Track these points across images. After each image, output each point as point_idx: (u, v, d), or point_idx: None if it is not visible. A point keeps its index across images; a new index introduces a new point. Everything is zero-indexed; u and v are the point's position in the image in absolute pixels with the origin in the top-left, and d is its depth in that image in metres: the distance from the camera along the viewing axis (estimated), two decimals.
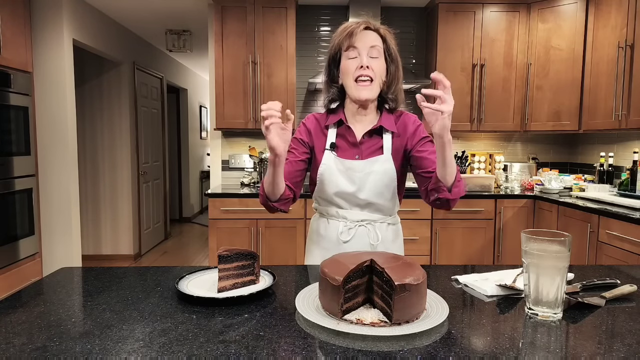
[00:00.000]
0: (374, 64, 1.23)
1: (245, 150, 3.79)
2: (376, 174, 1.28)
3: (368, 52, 1.23)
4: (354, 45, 1.23)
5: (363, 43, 1.22)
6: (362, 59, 1.22)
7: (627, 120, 2.76)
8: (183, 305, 0.95)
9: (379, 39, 1.25)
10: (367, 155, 1.30)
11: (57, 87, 3.33)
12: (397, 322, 0.83)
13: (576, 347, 0.77)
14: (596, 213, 2.57)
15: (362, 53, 1.22)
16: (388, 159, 1.29)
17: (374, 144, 1.31)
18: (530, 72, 3.43)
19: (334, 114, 1.35)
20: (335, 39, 1.27)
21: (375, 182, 1.28)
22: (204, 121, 7.64)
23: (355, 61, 1.23)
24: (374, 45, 1.23)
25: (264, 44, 3.35)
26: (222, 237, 3.18)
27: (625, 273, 1.23)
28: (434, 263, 3.24)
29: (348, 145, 1.32)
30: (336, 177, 1.30)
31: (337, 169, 1.30)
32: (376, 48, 1.23)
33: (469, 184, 3.38)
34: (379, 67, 1.24)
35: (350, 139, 1.32)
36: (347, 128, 1.32)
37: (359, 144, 1.31)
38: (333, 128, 1.34)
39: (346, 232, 1.34)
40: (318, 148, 1.35)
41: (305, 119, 1.40)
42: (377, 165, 1.28)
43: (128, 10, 3.87)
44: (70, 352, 0.74)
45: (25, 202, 3.09)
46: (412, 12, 3.76)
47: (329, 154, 1.32)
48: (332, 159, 1.31)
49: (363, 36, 1.23)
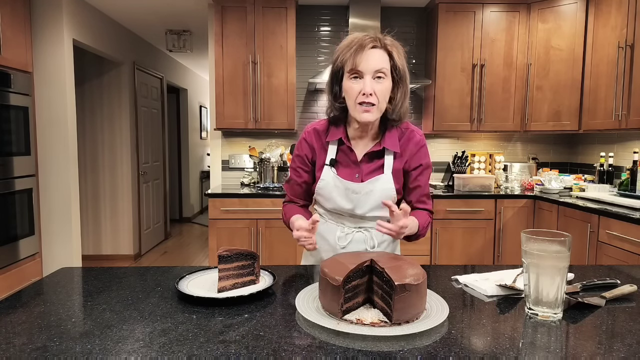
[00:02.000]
0: (378, 88, 1.16)
1: (245, 150, 3.79)
2: (375, 192, 1.26)
3: (373, 76, 1.15)
4: (358, 69, 1.15)
5: (368, 66, 1.14)
6: (366, 86, 1.14)
7: (627, 120, 2.76)
8: (183, 305, 0.95)
9: (386, 59, 1.17)
10: (367, 174, 1.27)
11: (57, 87, 3.33)
12: (397, 322, 0.83)
13: (576, 347, 0.77)
14: (596, 213, 2.57)
15: (366, 78, 1.15)
16: (388, 180, 1.26)
17: (374, 163, 1.28)
18: (530, 72, 3.43)
19: (335, 128, 1.30)
20: (339, 54, 1.19)
21: (375, 200, 1.27)
22: (204, 121, 7.64)
23: (359, 84, 1.16)
24: (380, 69, 1.15)
25: (264, 44, 3.35)
26: (222, 237, 3.18)
27: (625, 273, 1.23)
28: (434, 263, 3.24)
29: (348, 162, 1.29)
30: (334, 195, 1.29)
31: (335, 187, 1.28)
32: (382, 71, 1.15)
33: (469, 184, 3.38)
34: (383, 90, 1.17)
35: (351, 158, 1.28)
36: (350, 148, 1.28)
37: (359, 163, 1.28)
38: (333, 144, 1.30)
39: (344, 237, 1.33)
40: (319, 164, 1.33)
41: (305, 132, 1.35)
42: (378, 185, 1.26)
43: (128, 10, 3.87)
44: (70, 352, 0.74)
45: (25, 202, 3.09)
46: (412, 12, 3.76)
47: (328, 170, 1.29)
48: (331, 176, 1.28)
49: (368, 58, 1.14)
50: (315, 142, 1.33)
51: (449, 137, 3.86)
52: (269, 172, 3.51)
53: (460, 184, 3.39)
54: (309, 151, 1.34)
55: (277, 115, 3.40)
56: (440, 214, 3.21)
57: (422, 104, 3.83)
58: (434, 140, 3.86)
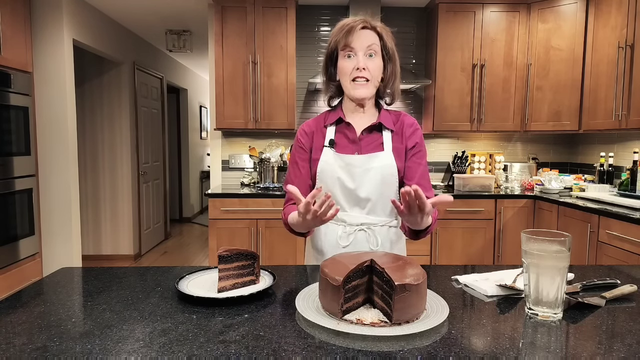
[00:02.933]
0: (371, 64, 1.23)
1: (245, 150, 3.79)
2: (376, 169, 1.27)
3: (365, 52, 1.22)
4: (351, 46, 1.22)
5: (360, 43, 1.22)
6: (359, 60, 1.22)
7: (627, 120, 2.76)
8: (183, 305, 0.95)
9: (376, 37, 1.24)
10: (367, 151, 1.29)
11: (57, 87, 3.33)
12: (397, 322, 0.83)
13: (576, 347, 0.77)
14: (596, 213, 2.57)
15: (359, 53, 1.22)
16: (388, 155, 1.28)
17: (373, 140, 1.31)
18: (530, 73, 3.43)
19: (332, 112, 1.36)
20: (332, 37, 1.27)
21: (376, 178, 1.27)
22: (204, 121, 7.64)
23: (352, 61, 1.23)
24: (371, 45, 1.22)
25: (264, 44, 3.35)
26: (222, 237, 3.18)
27: (625, 273, 1.23)
28: (434, 263, 3.24)
29: (347, 141, 1.31)
30: (336, 173, 1.29)
31: (337, 165, 1.29)
32: (373, 47, 1.23)
33: (469, 184, 3.38)
34: (376, 67, 1.24)
35: (350, 136, 1.31)
36: (347, 125, 1.32)
37: (358, 140, 1.30)
38: (332, 126, 1.34)
39: (345, 237, 1.32)
40: (317, 146, 1.34)
41: (302, 124, 1.40)
42: (377, 161, 1.27)
43: (128, 10, 3.88)
44: (70, 352, 0.74)
45: (25, 202, 3.09)
46: (412, 12, 3.76)
47: (327, 150, 1.31)
48: (331, 155, 1.30)
49: (360, 36, 1.22)
50: (312, 129, 1.37)
51: (449, 137, 3.86)
52: (269, 172, 3.51)
53: (460, 184, 3.39)
54: (306, 139, 1.36)
55: (277, 115, 3.40)
56: (440, 214, 3.21)
57: (422, 104, 3.83)
58: (434, 140, 3.86)
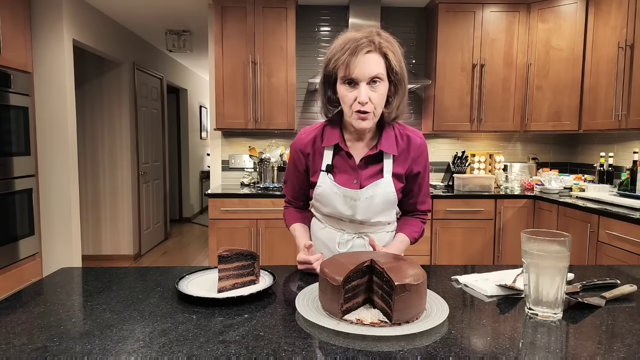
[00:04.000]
0: (374, 95, 1.10)
1: (245, 151, 3.79)
2: (376, 198, 1.22)
3: (368, 82, 1.09)
4: (352, 77, 1.09)
5: (362, 73, 1.08)
6: (361, 95, 1.09)
7: (627, 120, 2.75)
8: (183, 305, 0.95)
9: (380, 62, 1.10)
10: (366, 179, 1.23)
11: (57, 87, 3.33)
12: (397, 323, 0.83)
13: (576, 347, 0.77)
14: (596, 213, 2.57)
15: (362, 85, 1.09)
16: (389, 183, 1.22)
17: (373, 168, 1.23)
18: (530, 72, 3.43)
19: (331, 131, 1.25)
20: (333, 58, 1.12)
21: (375, 206, 1.24)
22: (204, 121, 7.64)
23: (354, 92, 1.10)
24: (375, 75, 1.09)
25: (264, 44, 3.35)
26: (222, 237, 3.18)
27: (625, 273, 1.23)
28: (434, 263, 3.24)
29: (346, 167, 1.24)
30: (333, 202, 1.25)
31: (333, 193, 1.24)
32: (378, 76, 1.09)
33: (469, 184, 3.38)
34: (379, 96, 1.12)
35: (350, 163, 1.24)
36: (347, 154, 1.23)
37: (357, 168, 1.23)
38: (330, 149, 1.25)
39: (344, 243, 1.31)
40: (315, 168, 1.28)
41: (298, 140, 1.30)
42: (378, 190, 1.22)
43: (128, 10, 3.87)
44: (70, 353, 0.74)
45: (25, 203, 3.09)
46: (412, 12, 3.76)
47: (324, 176, 1.24)
48: (328, 183, 1.24)
49: (363, 65, 1.07)
50: (309, 150, 1.28)
51: (449, 137, 3.86)
52: (269, 172, 3.51)
53: (460, 184, 3.39)
54: (302, 160, 1.30)
55: (277, 116, 3.40)
56: (440, 214, 3.21)
57: (422, 104, 3.83)
58: (434, 140, 3.86)
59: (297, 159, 1.31)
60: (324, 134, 1.26)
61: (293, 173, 1.35)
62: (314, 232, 1.40)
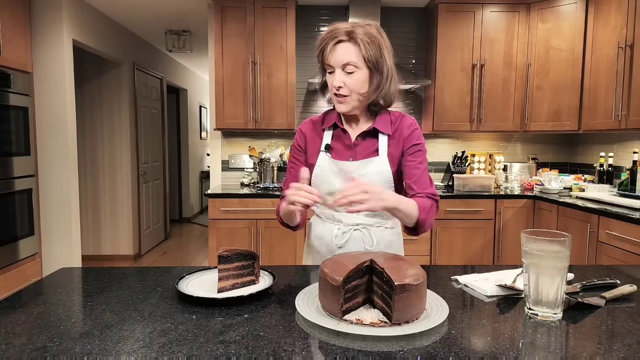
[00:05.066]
0: (349, 80, 1.20)
1: (245, 151, 3.79)
2: (371, 175, 1.26)
3: (342, 69, 1.20)
4: (329, 64, 1.21)
5: (335, 60, 1.20)
6: (335, 80, 1.21)
7: (627, 120, 2.76)
8: (183, 305, 0.95)
9: (353, 51, 1.18)
10: (362, 157, 1.29)
11: (57, 87, 3.33)
12: (397, 323, 0.83)
13: (576, 347, 0.77)
14: (596, 213, 2.57)
15: (337, 72, 1.21)
16: (383, 161, 1.27)
17: (369, 146, 1.29)
18: (530, 72, 3.43)
19: (330, 115, 1.35)
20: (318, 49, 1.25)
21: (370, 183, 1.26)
22: (204, 121, 7.64)
23: (332, 78, 1.23)
24: (347, 63, 1.19)
25: (263, 44, 3.35)
26: (222, 237, 3.18)
27: (625, 273, 1.23)
28: (434, 263, 3.24)
29: (343, 147, 1.31)
30: (331, 179, 1.29)
31: (331, 171, 1.29)
32: (350, 64, 1.18)
33: (469, 184, 3.38)
34: (355, 82, 1.20)
35: (346, 142, 1.31)
36: (343, 130, 1.32)
37: (353, 146, 1.30)
38: (329, 130, 1.34)
39: (340, 236, 1.32)
40: (313, 150, 1.35)
41: (301, 124, 1.40)
42: (372, 167, 1.27)
43: (128, 10, 3.88)
44: (70, 353, 0.74)
45: (25, 203, 3.09)
46: (412, 12, 3.76)
47: (323, 155, 1.31)
48: (326, 161, 1.30)
49: (335, 53, 1.19)
50: (309, 131, 1.37)
51: (448, 137, 3.86)
52: (268, 172, 3.51)
53: (460, 184, 3.39)
54: (302, 141, 1.38)
55: (277, 116, 3.40)
56: (440, 214, 3.21)
57: (422, 104, 3.83)
58: (434, 140, 3.86)
59: (298, 138, 1.39)
60: (324, 119, 1.37)
61: (293, 157, 1.40)
62: (313, 230, 1.40)
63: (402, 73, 3.44)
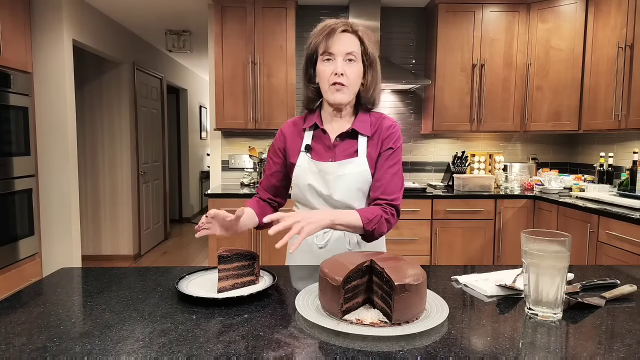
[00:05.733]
0: (349, 70, 1.21)
1: (245, 151, 3.79)
2: (349, 176, 1.25)
3: (344, 58, 1.20)
4: (330, 51, 1.20)
5: (339, 48, 1.19)
6: (337, 66, 1.20)
7: (627, 120, 2.76)
8: (183, 305, 0.95)
9: (356, 42, 1.22)
10: (341, 158, 1.28)
11: (57, 87, 3.33)
12: (397, 323, 0.83)
13: (576, 347, 0.77)
14: (596, 213, 2.57)
15: (338, 59, 1.20)
16: (362, 162, 1.26)
17: (348, 147, 1.29)
18: (530, 72, 3.43)
19: (311, 115, 1.34)
20: (312, 39, 1.24)
21: (349, 184, 1.26)
22: (204, 121, 7.64)
23: (331, 66, 1.21)
24: (351, 52, 1.20)
25: (263, 44, 3.35)
26: (222, 237, 3.17)
27: (625, 273, 1.23)
28: (434, 263, 3.24)
29: (323, 148, 1.30)
30: (310, 179, 1.28)
31: (310, 171, 1.28)
32: (352, 54, 1.20)
33: (469, 184, 3.38)
34: (354, 73, 1.22)
35: (326, 142, 1.30)
36: (323, 131, 1.30)
37: (333, 146, 1.29)
38: (310, 131, 1.32)
39: (321, 236, 1.31)
40: (293, 151, 1.33)
41: (283, 125, 1.39)
42: (351, 168, 1.26)
43: (128, 10, 3.87)
44: (70, 353, 0.74)
45: (25, 203, 3.09)
46: (412, 12, 3.76)
47: (303, 155, 1.30)
48: (306, 161, 1.29)
49: (340, 40, 1.20)
50: (289, 132, 1.36)
51: (448, 137, 3.86)
52: None
53: (460, 184, 3.39)
54: (282, 142, 1.36)
55: (276, 116, 3.40)
56: (440, 214, 3.21)
57: (422, 104, 3.83)
58: (434, 140, 3.86)
59: (278, 138, 1.38)
60: (305, 119, 1.36)
61: (270, 159, 1.39)
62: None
63: (402, 73, 3.44)
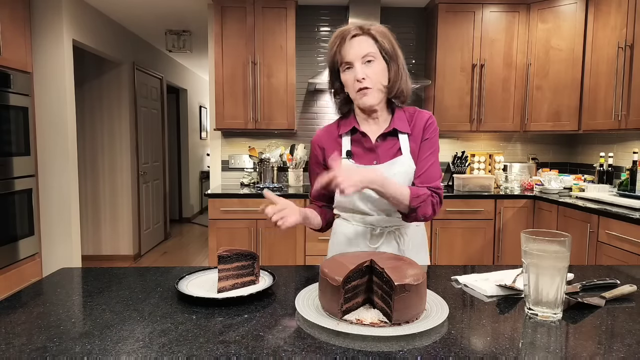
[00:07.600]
0: (370, 71, 1.20)
1: (245, 151, 3.79)
2: (398, 176, 1.23)
3: (362, 62, 1.20)
4: (346, 60, 1.20)
5: (354, 54, 1.19)
6: (357, 73, 1.19)
7: (627, 120, 2.76)
8: (183, 305, 0.95)
9: (370, 43, 1.21)
10: (385, 159, 1.26)
11: (57, 87, 3.33)
12: (397, 323, 0.83)
13: (576, 347, 0.77)
14: (596, 213, 2.57)
15: (356, 65, 1.20)
16: (408, 160, 1.25)
17: (390, 146, 1.27)
18: (530, 72, 3.43)
19: (345, 120, 1.32)
20: (329, 53, 1.26)
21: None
22: (204, 121, 7.64)
23: (352, 74, 1.21)
24: (366, 54, 1.19)
25: (263, 44, 3.35)
26: (222, 237, 3.18)
27: (625, 273, 1.23)
28: (434, 263, 3.24)
29: (364, 151, 1.28)
30: None
31: None
32: (369, 55, 1.20)
33: (469, 184, 3.38)
34: (376, 72, 1.21)
35: (366, 145, 1.28)
36: (361, 134, 1.28)
37: (375, 148, 1.27)
38: (346, 136, 1.31)
39: (375, 239, 1.30)
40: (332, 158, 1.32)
41: (314, 137, 1.37)
42: (397, 167, 1.24)
43: (128, 10, 3.87)
44: (70, 353, 0.74)
45: (25, 203, 3.09)
46: (412, 12, 3.76)
47: (346, 162, 1.28)
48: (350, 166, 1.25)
49: (352, 47, 1.20)
50: (325, 142, 1.34)
51: (448, 137, 3.86)
52: (268, 173, 3.51)
53: (460, 184, 3.39)
54: (321, 154, 1.34)
55: (276, 116, 3.40)
56: (440, 214, 3.21)
57: (422, 104, 3.83)
58: None
59: (315, 152, 1.37)
60: (339, 125, 1.34)
61: (313, 171, 1.38)
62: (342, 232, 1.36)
63: None
